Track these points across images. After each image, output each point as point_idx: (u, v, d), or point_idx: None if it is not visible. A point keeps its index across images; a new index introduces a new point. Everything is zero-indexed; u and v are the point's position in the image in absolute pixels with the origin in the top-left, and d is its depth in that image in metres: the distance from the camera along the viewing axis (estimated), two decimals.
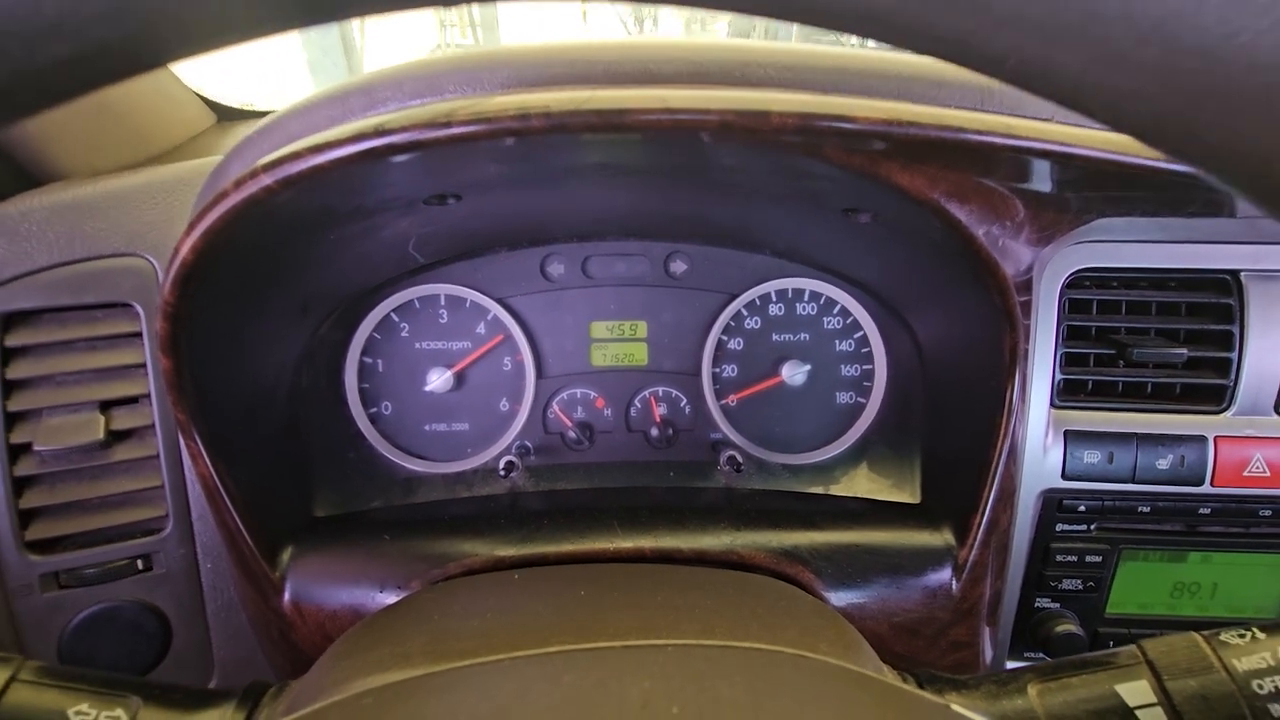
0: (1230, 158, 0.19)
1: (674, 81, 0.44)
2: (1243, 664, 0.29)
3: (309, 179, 0.41)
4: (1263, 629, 0.31)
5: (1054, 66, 0.19)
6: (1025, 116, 0.45)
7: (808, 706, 0.21)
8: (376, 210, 0.52)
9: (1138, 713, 0.30)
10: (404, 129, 0.40)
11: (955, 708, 0.22)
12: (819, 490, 0.71)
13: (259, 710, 0.35)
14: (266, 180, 0.41)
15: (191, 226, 0.44)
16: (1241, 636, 0.31)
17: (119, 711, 0.32)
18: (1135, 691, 0.31)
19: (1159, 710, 0.30)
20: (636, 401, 0.75)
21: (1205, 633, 0.32)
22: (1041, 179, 0.48)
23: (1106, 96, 0.19)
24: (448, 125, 0.39)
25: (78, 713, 0.31)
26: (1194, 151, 0.19)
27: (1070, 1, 0.17)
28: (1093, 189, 0.50)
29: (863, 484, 0.71)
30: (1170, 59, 0.17)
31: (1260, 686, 0.29)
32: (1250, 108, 0.17)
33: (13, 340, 0.56)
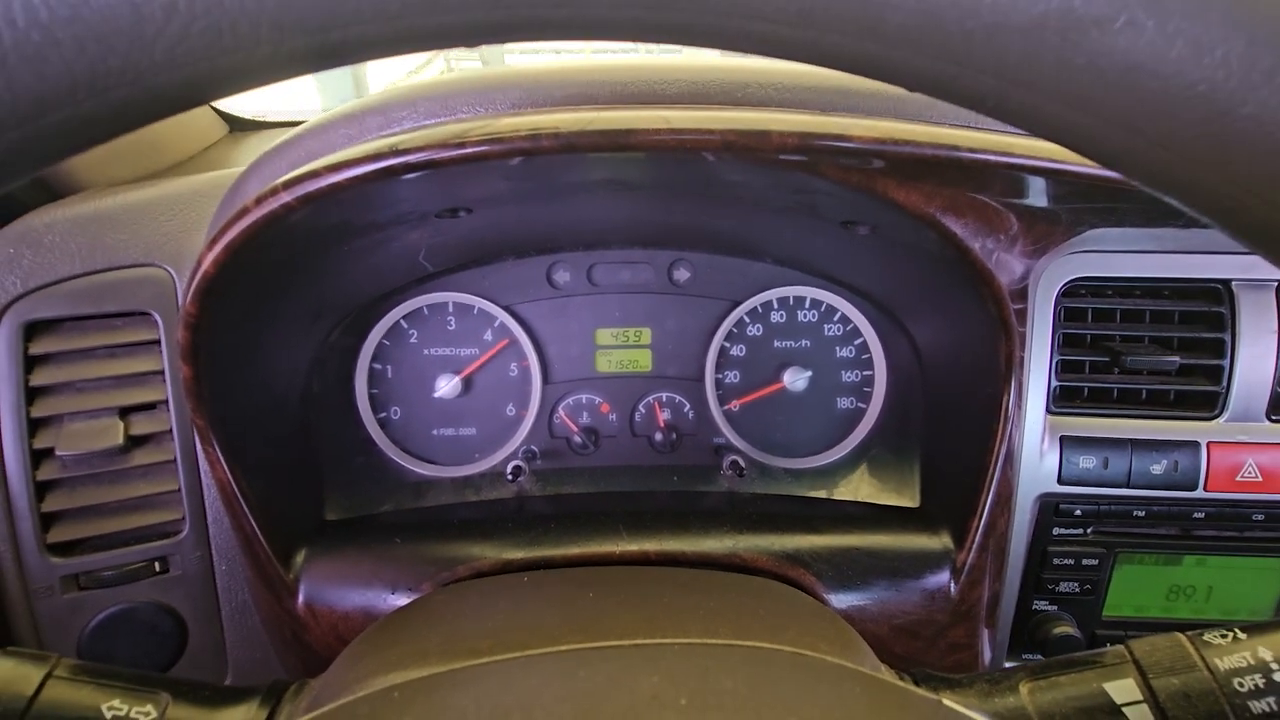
0: (1195, 192, 0.20)
1: (678, 102, 0.45)
2: (1224, 663, 0.31)
3: (327, 196, 0.43)
4: (1244, 629, 0.32)
5: (1031, 109, 0.20)
6: (1017, 134, 0.46)
7: (804, 699, 0.23)
8: (390, 224, 0.54)
9: (1124, 710, 0.32)
10: (418, 149, 0.41)
11: (946, 702, 0.24)
12: (820, 494, 0.72)
13: (281, 707, 0.36)
14: (286, 197, 0.43)
15: (214, 241, 0.46)
16: (1224, 636, 0.32)
17: (149, 707, 0.33)
18: (1122, 689, 0.32)
19: (1144, 707, 0.31)
20: (641, 407, 0.76)
21: (1189, 633, 0.33)
22: (1034, 194, 0.50)
23: (1079, 134, 0.20)
24: (461, 145, 0.41)
25: (110, 708, 0.32)
26: (1163, 184, 0.21)
27: (1042, 52, 0.18)
28: (1083, 201, 0.52)
29: (863, 488, 0.72)
30: (1134, 106, 0.18)
31: (1241, 685, 0.30)
32: (1208, 150, 0.18)
33: (36, 348, 0.58)
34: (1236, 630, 0.32)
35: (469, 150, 0.41)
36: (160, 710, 0.33)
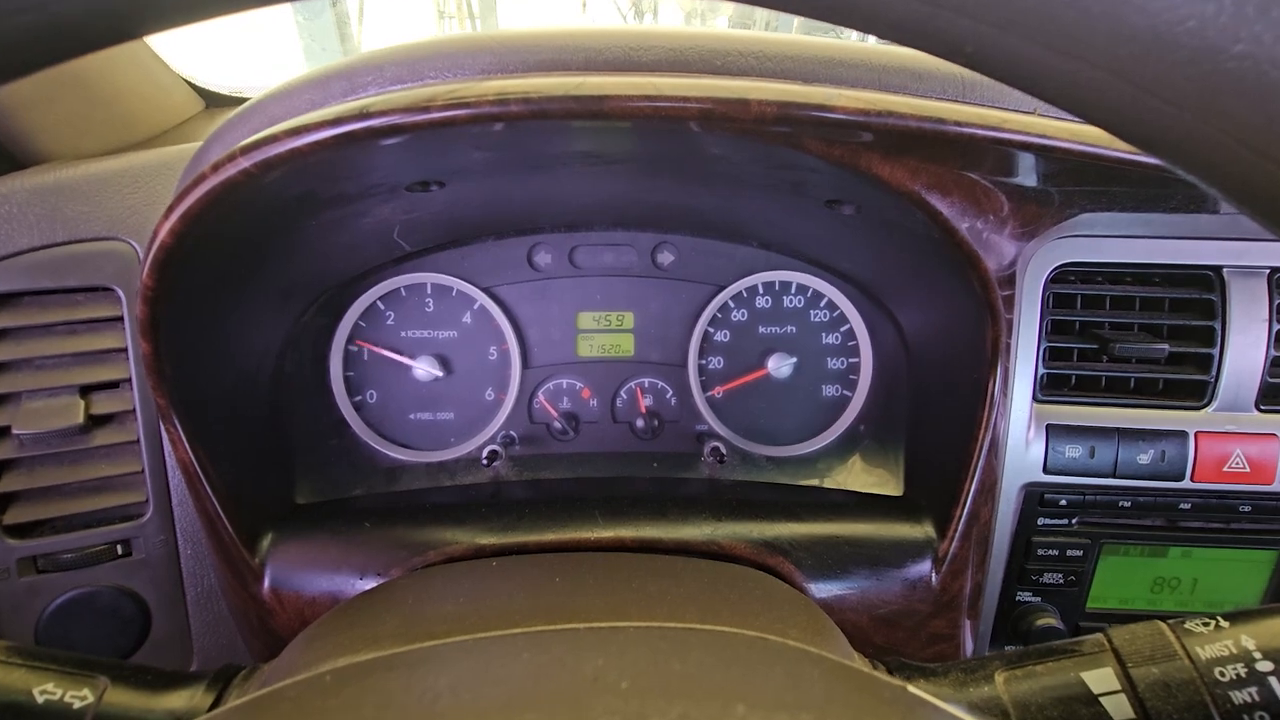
0: (1182, 145, 0.19)
1: (655, 69, 0.44)
2: (1205, 652, 0.30)
3: (287, 162, 0.41)
4: (1226, 618, 0.31)
5: (1011, 53, 0.19)
6: (1007, 109, 0.45)
7: (757, 682, 0.21)
8: (359, 196, 0.52)
9: (1102, 700, 0.30)
10: (383, 113, 0.39)
11: (911, 689, 0.22)
12: (802, 482, 0.71)
13: (229, 692, 0.35)
14: (244, 163, 0.41)
15: (170, 210, 0.44)
16: (1205, 625, 0.31)
17: (85, 691, 0.32)
18: (1100, 679, 0.31)
19: (1123, 697, 0.30)
20: (622, 392, 0.75)
21: (1170, 621, 0.32)
22: (1023, 172, 0.48)
23: (1063, 83, 0.19)
24: (427, 110, 0.39)
25: (43, 692, 0.31)
26: (1148, 138, 0.19)
27: None
28: (1074, 183, 0.50)
29: (847, 476, 0.71)
30: (1119, 45, 0.17)
31: (1222, 674, 0.29)
32: (1198, 94, 0.17)
33: None
34: (1219, 618, 0.31)
35: (435, 115, 0.39)
36: (97, 694, 0.32)
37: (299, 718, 0.21)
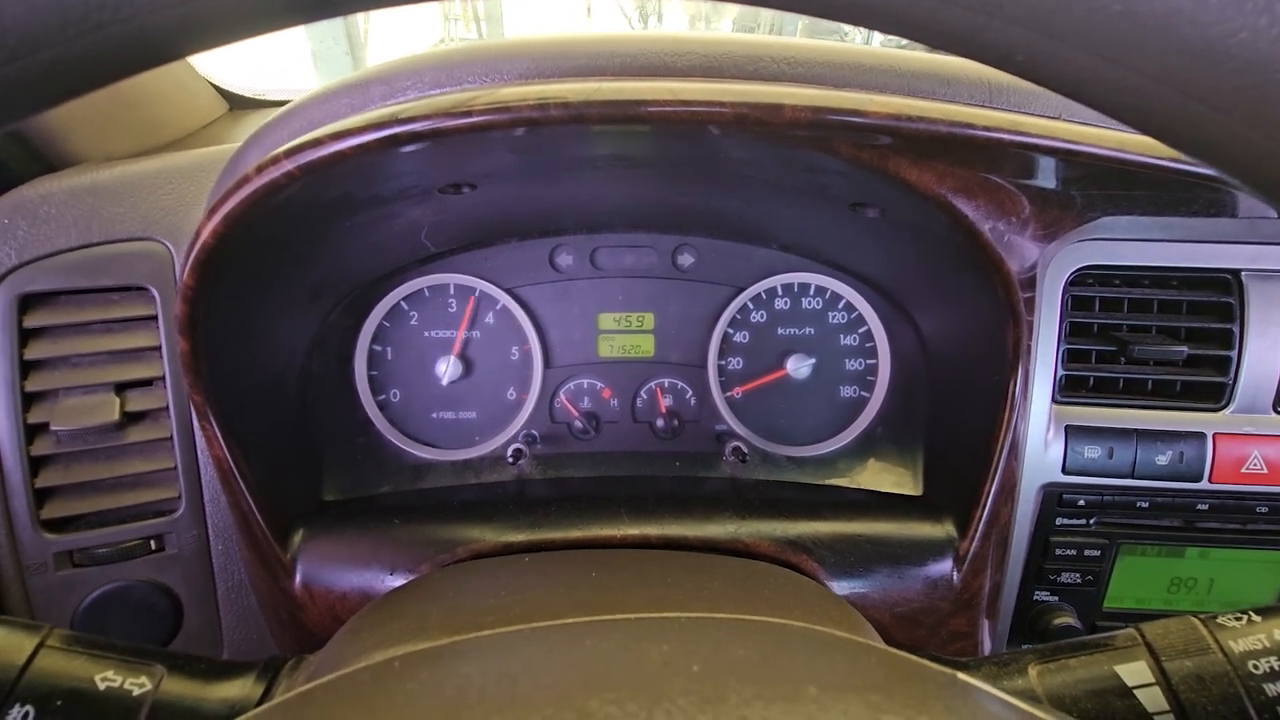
0: (1231, 154, 0.19)
1: (688, 74, 0.44)
2: (1239, 645, 0.30)
3: (330, 166, 0.42)
4: (1259, 612, 0.32)
5: (1062, 63, 0.20)
6: (1032, 114, 0.45)
7: (819, 668, 0.22)
8: (393, 198, 0.53)
9: (1136, 692, 0.31)
10: (424, 117, 0.40)
11: (961, 676, 0.23)
12: (823, 481, 0.72)
13: (278, 681, 0.36)
14: (288, 166, 0.42)
15: (213, 211, 0.45)
16: (1238, 619, 0.32)
17: (144, 679, 0.33)
18: (1134, 672, 0.32)
19: (1156, 690, 0.31)
20: (643, 393, 0.75)
21: (1202, 615, 0.33)
22: (1047, 176, 0.49)
23: (1111, 90, 0.19)
24: (467, 114, 0.40)
25: (104, 679, 0.32)
26: (1198, 146, 0.20)
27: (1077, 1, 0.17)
28: (1096, 187, 0.51)
29: (866, 476, 0.72)
30: (1170, 55, 0.17)
31: (1256, 667, 0.29)
32: (1248, 103, 0.17)
33: (31, 321, 0.57)
34: (1251, 613, 0.31)
35: (475, 119, 0.40)
36: (155, 682, 0.33)
37: (380, 699, 0.22)
